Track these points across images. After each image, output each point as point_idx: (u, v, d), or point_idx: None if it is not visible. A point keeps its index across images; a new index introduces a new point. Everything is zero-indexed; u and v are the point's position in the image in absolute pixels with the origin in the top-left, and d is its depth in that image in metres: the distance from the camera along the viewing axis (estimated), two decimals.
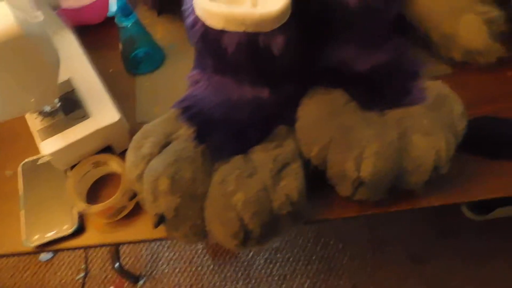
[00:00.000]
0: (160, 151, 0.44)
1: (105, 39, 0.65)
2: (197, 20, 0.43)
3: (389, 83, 0.48)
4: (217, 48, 0.43)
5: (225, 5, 0.41)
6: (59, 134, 0.48)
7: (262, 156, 0.44)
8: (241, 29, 0.41)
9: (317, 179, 0.46)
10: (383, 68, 0.48)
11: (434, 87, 0.47)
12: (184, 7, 0.45)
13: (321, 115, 0.45)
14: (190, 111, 0.47)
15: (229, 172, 0.43)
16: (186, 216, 0.42)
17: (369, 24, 0.46)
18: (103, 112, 0.49)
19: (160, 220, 0.43)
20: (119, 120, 0.49)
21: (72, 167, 0.50)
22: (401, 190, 0.46)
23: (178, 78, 0.57)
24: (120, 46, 0.59)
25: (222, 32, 0.42)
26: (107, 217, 0.48)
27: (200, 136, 0.45)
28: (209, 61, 0.47)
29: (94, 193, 0.52)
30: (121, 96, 0.59)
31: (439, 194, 0.49)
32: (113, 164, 0.50)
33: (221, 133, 0.45)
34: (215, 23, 0.42)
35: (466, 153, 0.49)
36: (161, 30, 0.67)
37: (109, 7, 0.52)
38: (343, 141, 0.43)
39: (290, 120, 0.47)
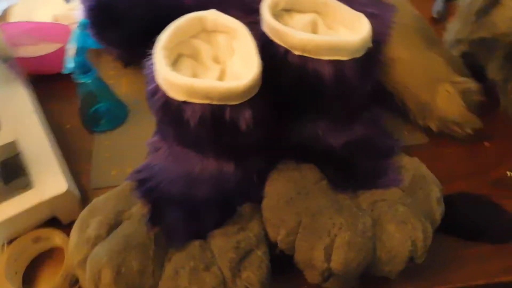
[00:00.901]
0: (108, 233, 0.39)
1: (65, 91, 0.60)
2: (158, 89, 0.39)
3: (363, 160, 0.44)
4: (179, 120, 0.39)
5: (188, 77, 0.38)
6: None
7: (223, 243, 0.39)
8: (205, 101, 0.37)
9: (283, 262, 0.42)
10: (357, 144, 0.45)
11: (410, 166, 0.44)
12: (145, 72, 0.42)
13: (289, 195, 0.42)
14: (146, 185, 0.42)
15: (183, 263, 0.38)
16: None
17: (344, 99, 0.43)
18: (49, 181, 0.44)
19: None
20: (67, 191, 0.44)
21: (10, 241, 0.45)
22: (373, 276, 0.43)
23: (141, 137, 0.52)
24: (79, 101, 0.55)
25: (184, 103, 0.38)
26: None
27: (155, 217, 0.40)
28: (171, 131, 0.43)
29: (33, 271, 0.46)
30: (77, 156, 0.55)
31: (414, 281, 0.45)
32: (57, 239, 0.44)
33: (178, 213, 0.40)
34: (177, 95, 0.38)
35: (441, 233, 0.46)
36: (126, 84, 0.63)
37: (65, 63, 0.48)
38: (312, 227, 0.39)
39: (256, 197, 0.43)
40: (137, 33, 0.60)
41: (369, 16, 0.45)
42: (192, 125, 0.39)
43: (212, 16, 0.40)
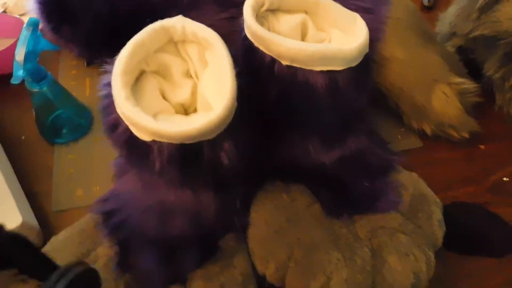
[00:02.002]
0: None
1: (19, 94, 0.53)
2: (119, 121, 0.32)
3: (358, 177, 0.40)
4: (147, 159, 0.32)
5: (152, 118, 0.30)
6: None
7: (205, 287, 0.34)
8: (175, 141, 0.31)
9: None
10: (352, 159, 0.41)
11: (409, 184, 0.40)
12: (100, 93, 0.34)
13: (279, 223, 0.37)
14: (113, 219, 0.36)
15: None
16: None
17: (338, 112, 0.38)
18: (2, 214, 0.38)
19: None
20: (23, 223, 0.38)
21: None
22: None
23: (109, 149, 0.45)
24: (33, 112, 0.48)
25: (152, 142, 0.31)
26: None
27: (124, 261, 0.34)
28: (137, 162, 0.37)
29: None
30: (35, 174, 0.48)
31: None
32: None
33: (151, 255, 0.35)
34: (143, 135, 0.31)
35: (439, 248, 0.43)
36: (90, 85, 0.56)
37: (14, 71, 0.41)
38: (305, 262, 0.35)
39: (240, 225, 0.38)
40: (97, 29, 0.53)
41: (363, 11, 0.40)
42: (162, 166, 0.32)
43: (180, 24, 0.33)
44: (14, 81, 0.41)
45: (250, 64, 0.36)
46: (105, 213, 0.37)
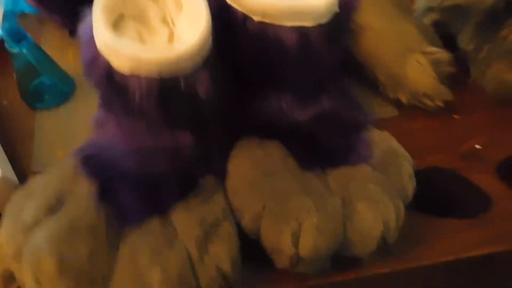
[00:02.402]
0: (48, 218, 0.34)
1: (1, 59, 0.53)
2: (97, 55, 0.34)
3: (332, 135, 0.41)
4: (124, 94, 0.34)
5: (134, 45, 0.33)
6: None
7: (185, 217, 0.35)
8: (154, 74, 0.33)
9: (249, 245, 0.39)
10: (325, 117, 0.42)
11: (381, 141, 0.42)
12: (79, 32, 0.36)
13: (253, 176, 0.38)
14: (92, 162, 0.37)
15: (141, 241, 0.34)
16: None
17: (310, 69, 0.40)
18: None
19: None
20: (2, 178, 0.39)
21: None
22: (344, 256, 0.40)
23: (89, 114, 0.46)
24: (15, 75, 0.49)
25: (130, 76, 0.33)
26: None
27: (104, 195, 0.35)
28: (117, 104, 0.38)
29: None
30: (16, 137, 0.49)
31: (386, 259, 0.43)
32: None
33: (131, 188, 0.36)
34: (121, 66, 0.33)
35: (410, 209, 0.44)
36: (73, 54, 0.57)
37: None
38: (277, 210, 0.36)
39: (219, 170, 0.39)
40: None
41: None
42: (140, 101, 0.34)
43: None
44: None
45: (223, 21, 0.37)
46: (85, 156, 0.38)
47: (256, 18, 0.36)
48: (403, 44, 0.51)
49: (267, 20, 0.35)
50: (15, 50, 0.44)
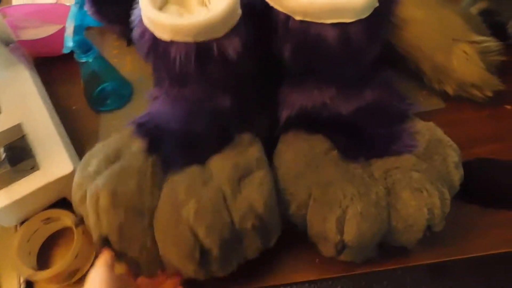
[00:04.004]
0: (108, 168, 0.39)
1: (69, 72, 0.60)
2: (145, 30, 0.39)
3: (375, 126, 0.42)
4: (167, 60, 0.39)
5: (172, 16, 0.37)
6: (4, 189, 0.42)
7: (220, 164, 0.39)
8: (189, 39, 0.37)
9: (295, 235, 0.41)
10: (368, 109, 0.43)
11: (425, 131, 0.42)
12: (132, 18, 0.41)
13: (298, 169, 0.40)
14: (145, 126, 0.42)
15: (181, 181, 0.38)
16: (132, 236, 0.36)
17: (352, 63, 0.41)
18: (55, 162, 0.44)
19: (104, 243, 0.37)
20: (73, 172, 0.44)
21: (22, 222, 0.45)
22: (391, 246, 0.41)
23: None
24: (82, 82, 0.54)
25: (171, 43, 0.38)
26: (59, 281, 0.43)
27: (153, 148, 0.40)
28: (164, 74, 0.43)
29: (46, 251, 0.46)
30: (84, 137, 0.54)
31: (433, 250, 0.43)
32: (66, 220, 0.44)
33: (175, 142, 0.40)
34: (163, 35, 0.38)
35: (459, 200, 0.43)
36: (130, 62, 0.62)
37: (64, 42, 0.47)
38: (322, 198, 0.38)
39: (255, 129, 0.43)
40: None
41: None
42: (180, 65, 0.38)
43: None
44: (65, 50, 0.47)
45: (266, 22, 0.40)
46: (139, 123, 0.42)
47: (297, 17, 0.38)
48: (448, 35, 0.51)
49: (308, 19, 0.37)
50: (83, 59, 0.50)
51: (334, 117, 0.43)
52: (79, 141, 0.53)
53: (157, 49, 0.39)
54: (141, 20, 0.39)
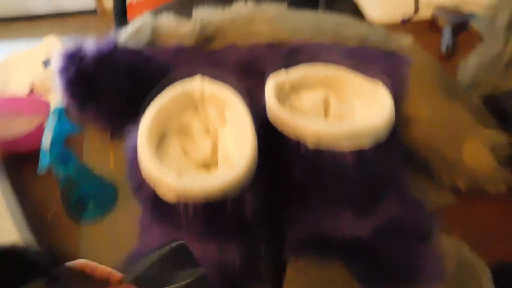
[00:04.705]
0: None
1: (46, 175, 0.53)
2: (143, 181, 0.34)
3: (395, 249, 0.38)
4: (171, 214, 0.34)
5: (177, 176, 0.32)
6: None
7: None
8: (200, 201, 0.32)
9: None
10: (386, 230, 0.39)
11: (452, 251, 0.38)
12: (126, 156, 0.36)
13: None
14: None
15: None
16: None
17: (367, 183, 0.37)
18: None
19: None
20: None
21: None
22: None
23: (134, 222, 0.45)
24: (59, 191, 0.48)
25: (177, 203, 0.33)
26: None
27: None
28: (162, 220, 0.37)
29: None
30: (64, 251, 0.47)
31: None
32: None
33: None
34: (167, 195, 0.32)
35: None
36: (114, 158, 0.56)
37: (40, 161, 0.41)
38: None
39: (265, 279, 0.38)
40: (120, 102, 0.54)
41: (383, 73, 0.40)
42: (187, 222, 0.33)
43: (199, 86, 0.35)
44: (41, 170, 0.41)
45: (273, 144, 0.36)
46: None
47: (310, 144, 0.34)
48: (457, 131, 0.49)
49: (322, 147, 0.33)
50: (61, 173, 0.44)
51: (349, 240, 0.38)
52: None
53: (158, 203, 0.33)
54: (137, 163, 0.34)
